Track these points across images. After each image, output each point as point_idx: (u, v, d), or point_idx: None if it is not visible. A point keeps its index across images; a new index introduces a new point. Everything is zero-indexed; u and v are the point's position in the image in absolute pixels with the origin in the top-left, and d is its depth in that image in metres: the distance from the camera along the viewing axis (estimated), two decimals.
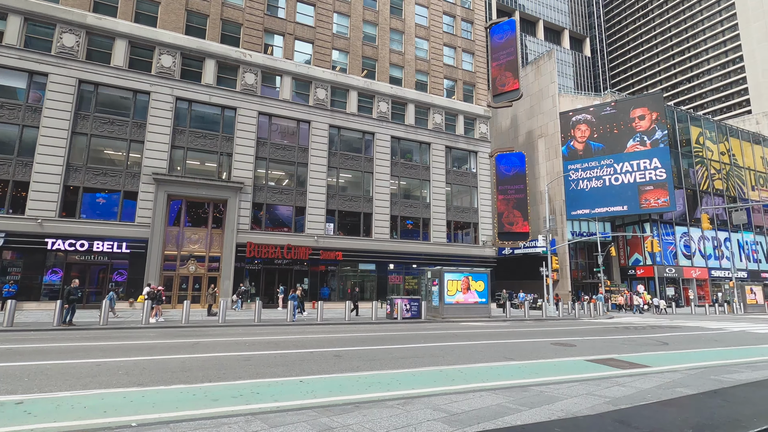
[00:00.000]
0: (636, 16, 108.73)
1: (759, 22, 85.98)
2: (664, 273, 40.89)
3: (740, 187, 48.77)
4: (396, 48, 34.80)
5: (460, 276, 22.75)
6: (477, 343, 12.56)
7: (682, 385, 6.94)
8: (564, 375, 7.92)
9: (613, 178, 40.82)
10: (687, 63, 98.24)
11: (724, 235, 46.55)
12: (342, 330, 16.15)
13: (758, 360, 10.14)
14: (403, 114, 34.13)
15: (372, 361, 9.29)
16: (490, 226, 36.28)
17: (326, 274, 29.90)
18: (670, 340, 14.53)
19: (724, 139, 48.65)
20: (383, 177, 32.21)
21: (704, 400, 4.10)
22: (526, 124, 46.74)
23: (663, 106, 40.92)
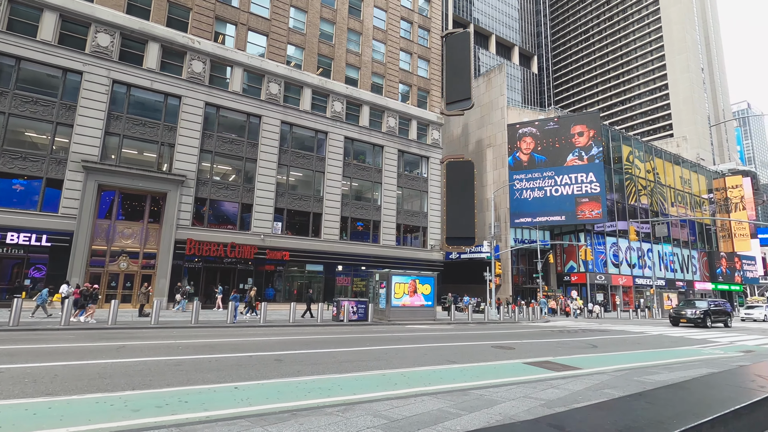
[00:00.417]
0: (579, 39, 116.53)
1: (681, 55, 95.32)
2: (595, 280, 43.88)
3: (662, 203, 53.56)
4: (353, 48, 34.63)
5: (407, 279, 22.93)
6: (421, 346, 12.63)
7: (609, 387, 7.35)
8: (503, 378, 8.11)
9: (553, 190, 43.21)
10: (621, 87, 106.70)
11: (648, 246, 50.87)
12: (286, 332, 15.64)
13: (674, 362, 11.02)
14: (358, 115, 34.01)
15: (315, 365, 9.02)
16: (438, 230, 37.02)
17: (272, 274, 28.99)
18: (598, 342, 15.48)
19: (650, 159, 53.25)
20: (335, 177, 31.85)
21: (630, 402, 4.27)
22: (477, 134, 48.35)
23: (600, 124, 44.00)
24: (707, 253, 60.87)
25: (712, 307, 26.33)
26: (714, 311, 26.20)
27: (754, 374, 6.13)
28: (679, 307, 28.03)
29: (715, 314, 26.18)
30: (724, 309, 27.51)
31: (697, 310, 25.52)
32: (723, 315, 26.97)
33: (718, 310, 26.84)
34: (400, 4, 38.26)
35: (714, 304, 27.36)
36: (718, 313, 26.60)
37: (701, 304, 26.67)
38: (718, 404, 4.36)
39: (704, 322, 24.96)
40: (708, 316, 25.26)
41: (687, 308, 26.36)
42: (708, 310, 25.73)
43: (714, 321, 25.90)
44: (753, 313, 36.15)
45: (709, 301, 27.73)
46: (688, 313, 25.47)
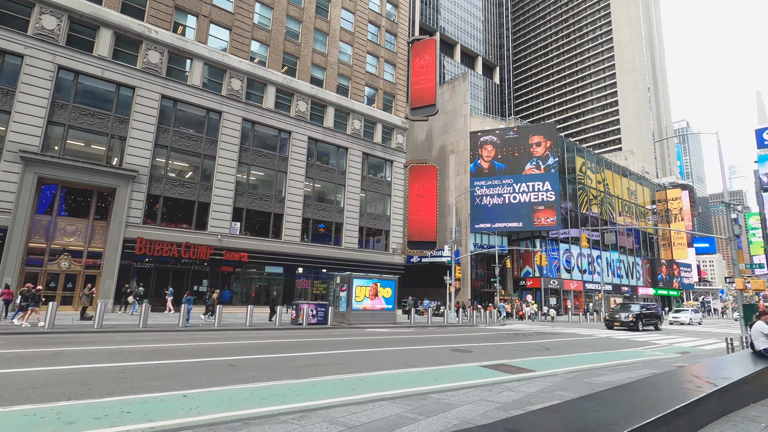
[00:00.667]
0: (539, 54, 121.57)
1: (630, 75, 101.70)
2: (549, 284, 45.69)
3: (611, 212, 56.70)
4: (319, 48, 34.30)
5: (368, 282, 22.85)
6: (381, 350, 12.58)
7: (561, 389, 7.60)
8: (461, 381, 8.20)
9: (512, 197, 44.66)
10: (577, 101, 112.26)
11: (597, 253, 53.63)
12: (242, 336, 15.11)
13: (619, 363, 11.61)
14: (323, 116, 33.67)
15: (271, 370, 8.74)
16: (401, 234, 37.28)
17: (229, 276, 28.02)
18: (551, 345, 16.07)
19: (601, 170, 56.27)
20: (297, 178, 31.32)
21: (581, 404, 4.40)
22: (440, 140, 49.18)
23: (556, 136, 46.00)
24: (650, 261, 65.02)
25: (644, 311, 26.88)
26: (646, 315, 26.83)
27: (691, 375, 6.53)
28: (614, 310, 28.29)
29: (647, 318, 26.89)
30: (655, 313, 28.31)
31: (630, 314, 26.01)
32: (654, 318, 27.82)
33: (650, 313, 27.55)
34: (368, 7, 38.34)
35: (646, 308, 27.87)
36: (650, 317, 27.35)
37: (634, 308, 27.07)
38: (661, 405, 4.59)
39: (636, 325, 25.55)
40: (640, 320, 25.85)
41: (621, 312, 26.82)
42: (640, 313, 26.27)
43: (645, 324, 26.60)
44: (680, 317, 38.02)
45: (642, 305, 28.12)
46: (622, 317, 25.95)
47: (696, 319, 38.53)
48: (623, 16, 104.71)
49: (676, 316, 38.43)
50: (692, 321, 37.61)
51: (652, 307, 28.99)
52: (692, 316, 37.96)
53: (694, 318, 38.32)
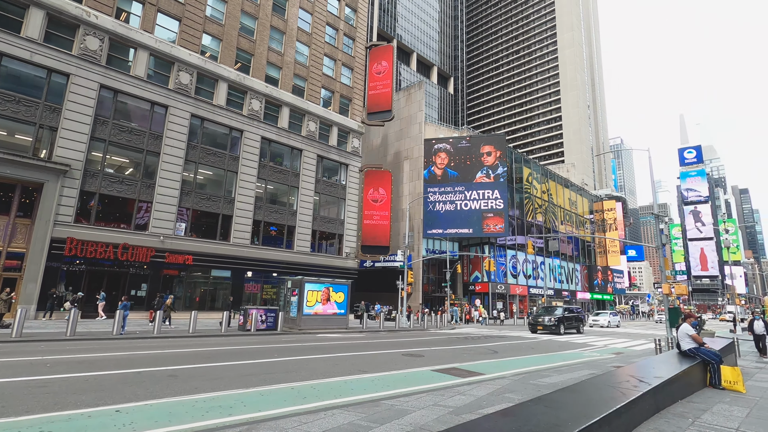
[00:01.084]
0: (491, 67, 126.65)
1: (573, 92, 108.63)
2: (496, 289, 47.35)
3: (554, 221, 59.91)
4: (275, 47, 33.51)
5: (320, 287, 22.46)
6: (333, 356, 12.35)
7: (509, 391, 7.81)
8: (413, 386, 8.20)
9: (463, 204, 45.92)
10: (525, 114, 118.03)
11: (541, 259, 56.39)
12: (184, 344, 14.25)
13: (562, 365, 12.17)
14: (277, 116, 32.87)
15: (216, 380, 8.27)
16: (354, 238, 37.10)
17: (171, 280, 26.45)
18: (499, 348, 16.58)
19: (546, 181, 59.37)
20: (249, 179, 30.29)
21: (531, 407, 4.49)
22: (395, 145, 49.65)
23: (505, 147, 47.96)
24: (587, 267, 69.34)
25: (566, 315, 26.57)
26: (568, 318, 26.56)
27: (627, 375, 6.94)
28: (537, 314, 27.73)
29: (569, 321, 26.62)
30: (578, 316, 28.10)
31: (552, 317, 25.60)
32: (576, 322, 27.60)
33: (572, 317, 27.29)
34: (326, 9, 38.06)
35: (568, 311, 27.57)
36: (572, 320, 27.12)
37: (557, 312, 26.59)
38: (603, 405, 4.80)
39: (558, 329, 25.09)
40: (561, 324, 25.45)
41: (544, 315, 26.31)
42: (562, 317, 25.91)
43: (567, 328, 26.33)
44: (599, 319, 38.78)
45: (565, 308, 27.64)
46: (545, 320, 25.47)
47: (614, 322, 39.50)
48: (567, 38, 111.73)
49: (596, 319, 39.31)
50: (610, 324, 38.56)
51: (575, 310, 28.87)
52: (610, 319, 38.94)
53: (612, 321, 39.30)
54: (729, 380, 8.48)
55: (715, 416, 6.35)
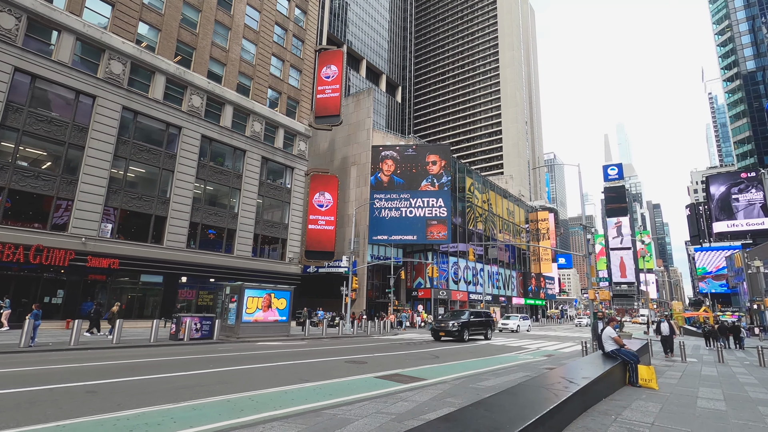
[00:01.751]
0: (437, 80, 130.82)
1: (512, 108, 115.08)
2: (439, 295, 48.51)
3: (493, 230, 62.72)
4: (220, 42, 32.17)
5: (262, 293, 21.65)
6: (273, 365, 11.91)
7: (450, 395, 7.96)
8: (356, 394, 8.10)
9: (408, 211, 46.69)
10: (468, 126, 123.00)
11: (480, 266, 58.70)
12: (106, 356, 13.04)
13: (499, 368, 12.67)
14: (220, 114, 31.49)
15: (142, 395, 7.62)
16: (298, 243, 36.31)
17: (93, 285, 24.22)
18: (440, 353, 16.92)
19: (487, 191, 62.10)
20: (187, 179, 28.64)
21: (472, 411, 4.58)
22: (343, 150, 49.49)
23: (450, 156, 49.56)
24: (522, 274, 73.25)
25: (472, 319, 24.77)
26: (474, 323, 24.78)
27: (559, 376, 7.34)
28: (441, 319, 25.67)
29: (475, 326, 24.79)
30: (485, 320, 26.22)
31: (456, 322, 23.51)
32: (483, 327, 25.76)
33: (479, 321, 25.44)
34: (276, 8, 37.25)
35: (475, 315, 25.81)
36: (478, 325, 25.27)
37: (463, 316, 24.70)
38: (539, 406, 5.02)
39: (461, 335, 23.06)
40: (465, 329, 23.45)
41: (448, 320, 24.23)
42: (467, 321, 24.02)
43: (473, 333, 24.61)
44: (508, 323, 36.76)
45: (472, 312, 25.91)
46: (448, 326, 23.40)
47: (524, 326, 37.98)
48: (508, 57, 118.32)
49: (505, 323, 37.18)
50: (519, 328, 36.84)
51: (483, 314, 26.97)
52: (520, 323, 37.42)
53: (522, 325, 37.69)
54: (645, 378, 9.28)
55: (634, 412, 6.90)
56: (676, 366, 14.47)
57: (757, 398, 8.78)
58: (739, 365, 15.61)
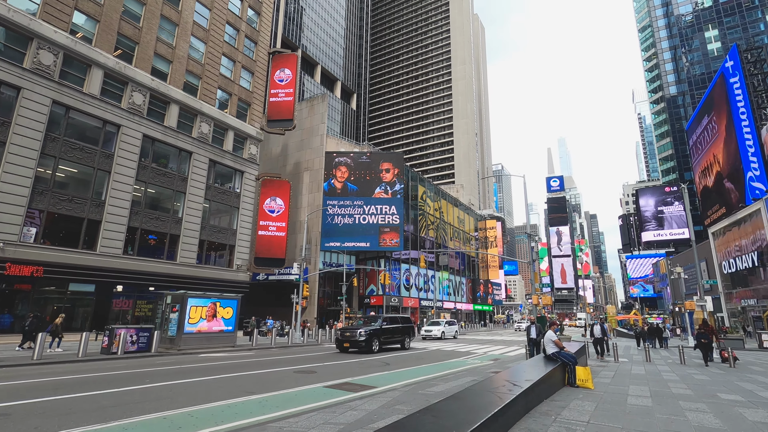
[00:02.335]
0: (392, 89, 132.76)
1: (463, 120, 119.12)
2: (391, 302, 48.73)
3: (444, 237, 64.18)
4: (166, 38, 30.65)
5: (206, 302, 20.62)
6: (216, 378, 11.33)
7: (400, 403, 7.96)
8: (304, 405, 7.89)
9: (361, 218, 46.69)
10: (422, 136, 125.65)
11: (432, 273, 59.76)
12: (23, 374, 11.79)
13: (447, 373, 12.88)
14: (164, 114, 29.90)
15: (65, 415, 6.94)
16: (247, 250, 35.09)
17: (12, 296, 21.93)
18: (390, 360, 16.94)
19: (438, 199, 63.54)
20: (125, 180, 26.83)
21: (420, 418, 4.59)
22: (295, 156, 48.68)
23: (403, 165, 50.25)
24: (471, 280, 75.44)
25: (385, 326, 21.16)
26: (388, 331, 21.23)
27: (503, 380, 7.57)
28: (347, 328, 21.15)
29: (388, 335, 21.25)
30: (404, 327, 22.83)
31: (365, 330, 19.71)
32: (400, 335, 22.33)
33: (394, 329, 21.86)
34: (227, 8, 36.14)
35: (389, 320, 22.11)
36: (394, 333, 21.77)
37: (375, 323, 21.10)
38: (484, 410, 5.13)
39: (368, 345, 19.34)
40: (375, 338, 19.90)
41: (356, 329, 20.09)
42: (378, 329, 20.49)
43: (386, 343, 21.08)
44: (432, 330, 33.45)
45: (386, 318, 22.04)
46: (355, 335, 19.48)
47: (450, 332, 34.95)
48: (460, 70, 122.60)
49: (429, 329, 33.70)
50: (445, 334, 33.78)
51: (400, 319, 23.46)
52: (446, 329, 34.23)
53: (448, 331, 34.72)
54: (582, 379, 9.81)
55: (571, 412, 7.25)
56: (610, 366, 15.46)
57: (678, 393, 9.56)
58: (663, 363, 16.96)
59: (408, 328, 23.35)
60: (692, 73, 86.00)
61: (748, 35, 78.25)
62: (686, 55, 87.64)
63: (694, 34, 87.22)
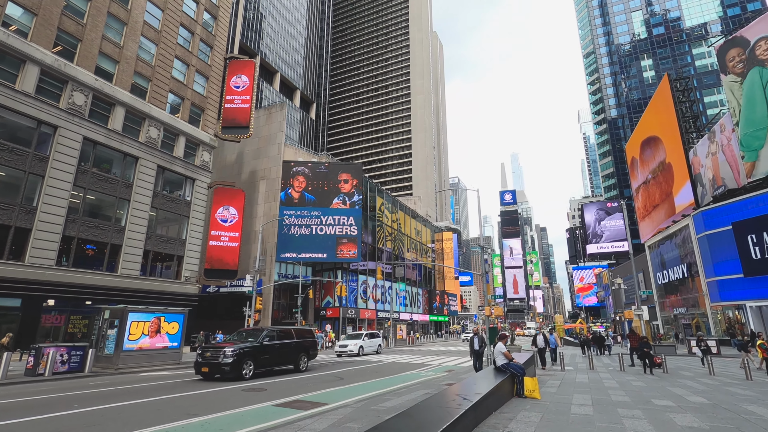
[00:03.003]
0: (352, 100, 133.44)
1: (422, 134, 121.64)
2: (347, 314, 48.20)
3: (402, 249, 64.64)
4: (113, 37, 29.09)
5: (149, 317, 19.39)
6: (156, 399, 10.60)
7: (351, 420, 7.79)
8: (251, 426, 7.53)
9: (319, 228, 46.08)
10: (381, 147, 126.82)
11: (389, 284, 59.85)
12: None
13: (401, 387, 12.82)
14: (108, 116, 28.21)
15: None
16: (197, 261, 33.54)
17: None
18: (344, 374, 16.65)
19: (396, 211, 64.06)
20: (61, 185, 24.91)
21: None
22: (251, 164, 47.46)
23: (362, 176, 50.32)
24: (428, 291, 76.29)
25: (266, 342, 15.86)
26: (272, 349, 16.08)
27: (454, 394, 7.61)
28: (209, 346, 15.35)
29: (273, 354, 16.14)
30: (299, 344, 17.66)
31: (233, 350, 14.45)
32: (292, 353, 17.22)
33: (285, 346, 16.88)
34: (181, 10, 34.95)
35: (278, 334, 16.98)
36: (280, 352, 16.60)
37: (254, 339, 15.79)
38: (433, 426, 5.11)
39: (236, 370, 14.29)
40: (249, 360, 14.80)
41: (218, 350, 14.67)
42: (258, 346, 15.38)
43: (269, 364, 16.08)
44: (348, 345, 27.79)
45: (271, 331, 16.72)
46: (219, 357, 14.36)
47: (371, 347, 29.37)
48: (419, 85, 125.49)
49: (344, 344, 28.07)
50: (363, 350, 28.24)
51: (294, 333, 17.95)
52: (365, 343, 28.69)
53: (369, 345, 29.18)
54: (529, 389, 10.08)
55: (518, 423, 7.41)
56: (557, 375, 16.05)
57: (617, 401, 10.05)
58: (605, 371, 17.85)
59: (305, 344, 18.33)
60: (630, 98, 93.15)
61: (678, 66, 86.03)
62: (625, 81, 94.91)
63: (632, 62, 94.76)
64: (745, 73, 30.85)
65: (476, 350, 15.32)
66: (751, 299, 29.88)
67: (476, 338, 15.47)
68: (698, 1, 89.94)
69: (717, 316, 33.87)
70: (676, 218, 39.66)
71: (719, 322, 33.74)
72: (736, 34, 32.46)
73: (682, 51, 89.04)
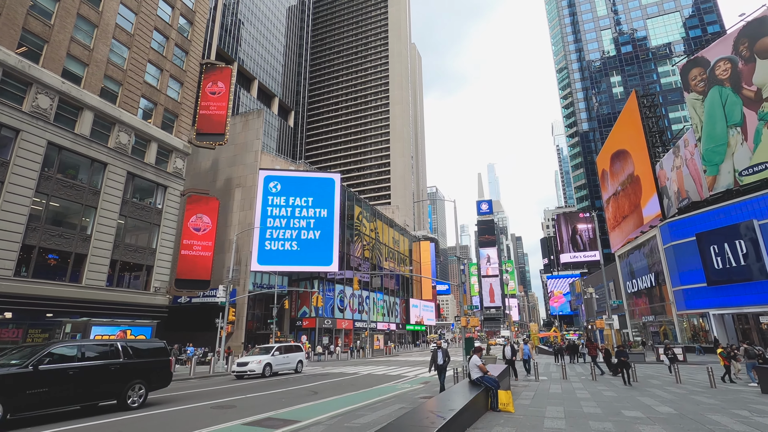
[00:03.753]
0: (330, 108, 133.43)
1: (400, 143, 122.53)
2: (324, 324, 47.55)
3: (380, 258, 64.48)
4: (82, 39, 28.17)
5: (115, 330, 18.60)
6: (115, 420, 10.06)
7: None
8: None
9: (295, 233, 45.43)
10: (359, 156, 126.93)
11: (367, 293, 59.47)
12: None
13: (376, 401, 12.62)
14: (76, 120, 27.17)
15: None
16: (167, 270, 32.45)
17: None
18: (319, 388, 16.31)
19: (375, 220, 63.98)
20: (22, 191, 23.73)
21: None
22: (227, 171, 46.60)
23: (341, 184, 50.09)
24: (405, 300, 76.22)
25: (54, 367, 9.96)
26: (64, 379, 10.04)
27: (428, 411, 7.49)
28: None
29: (64, 385, 10.04)
30: (126, 367, 11.47)
31: None
32: (110, 383, 11.14)
33: (94, 370, 10.77)
34: (156, 13, 34.21)
35: (73, 356, 10.58)
36: (93, 381, 10.69)
37: (30, 359, 9.69)
38: None
39: None
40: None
41: None
42: (31, 372, 9.44)
43: (54, 402, 9.85)
44: (249, 363, 21.37)
45: (53, 352, 10.18)
46: None
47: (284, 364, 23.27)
48: (398, 95, 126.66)
49: (243, 362, 21.48)
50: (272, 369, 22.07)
51: (111, 352, 11.42)
52: (274, 360, 22.48)
53: (281, 363, 22.94)
54: (504, 402, 10.07)
55: None
56: (531, 386, 16.16)
57: (589, 413, 10.15)
58: (578, 380, 18.09)
59: (140, 366, 12.06)
60: (601, 112, 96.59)
61: (644, 82, 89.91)
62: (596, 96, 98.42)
63: (602, 78, 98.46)
64: (706, 92, 32.44)
65: (440, 365, 13.42)
66: (713, 307, 31.08)
67: (440, 352, 13.52)
68: (663, 22, 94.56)
69: (683, 323, 35.05)
70: (644, 229, 41.03)
71: (685, 329, 34.92)
72: (698, 54, 34.18)
73: (649, 69, 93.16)
